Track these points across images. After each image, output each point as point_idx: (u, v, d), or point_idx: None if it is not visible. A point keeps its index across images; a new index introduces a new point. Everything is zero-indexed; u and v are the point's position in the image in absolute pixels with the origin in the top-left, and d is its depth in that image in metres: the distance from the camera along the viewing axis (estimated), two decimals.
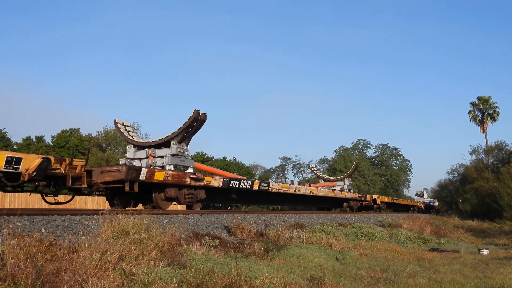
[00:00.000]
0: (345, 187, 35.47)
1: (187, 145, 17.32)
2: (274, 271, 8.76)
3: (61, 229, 9.42)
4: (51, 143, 41.45)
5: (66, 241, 8.11)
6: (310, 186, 30.00)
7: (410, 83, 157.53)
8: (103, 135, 44.28)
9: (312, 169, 41.46)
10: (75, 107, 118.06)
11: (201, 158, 51.94)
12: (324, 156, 79.03)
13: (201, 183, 16.64)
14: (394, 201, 44.48)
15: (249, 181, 19.99)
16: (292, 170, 79.94)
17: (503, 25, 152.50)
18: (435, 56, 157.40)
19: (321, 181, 37.21)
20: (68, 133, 43.37)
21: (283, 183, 35.11)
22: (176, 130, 16.94)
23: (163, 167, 16.43)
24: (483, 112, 59.59)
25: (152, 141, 17.30)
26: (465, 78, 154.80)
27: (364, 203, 35.24)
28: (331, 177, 40.02)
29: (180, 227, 11.06)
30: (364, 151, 78.72)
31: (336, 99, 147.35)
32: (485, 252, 16.41)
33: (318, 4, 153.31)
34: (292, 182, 30.43)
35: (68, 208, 14.00)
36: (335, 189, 33.57)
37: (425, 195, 67.98)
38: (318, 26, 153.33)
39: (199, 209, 18.91)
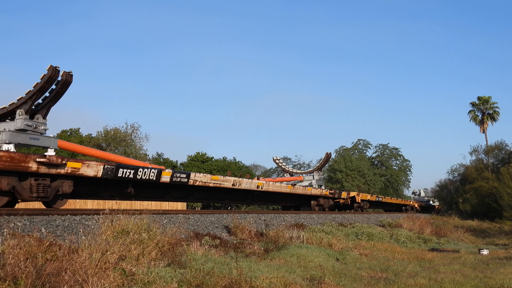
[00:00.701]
0: (314, 182, 30.58)
1: (44, 117, 12.96)
2: (274, 271, 8.77)
3: (61, 229, 9.43)
4: None
5: (66, 241, 8.12)
6: (258, 179, 24.26)
7: (410, 83, 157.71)
8: (103, 135, 44.29)
9: (276, 161, 34.73)
10: (75, 107, 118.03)
11: (201, 158, 51.99)
12: None
13: (62, 171, 11.91)
14: (380, 199, 39.43)
15: (154, 170, 14.95)
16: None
17: (503, 25, 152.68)
18: (435, 56, 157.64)
19: (287, 175, 32.66)
20: (68, 133, 43.37)
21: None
22: (24, 95, 12.46)
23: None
24: (483, 112, 59.54)
25: None
26: (465, 78, 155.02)
27: (341, 201, 30.55)
28: (298, 171, 34.83)
29: (180, 227, 11.08)
30: (364, 151, 78.72)
31: (336, 99, 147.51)
32: (485, 252, 16.41)
33: (318, 4, 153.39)
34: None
35: (68, 208, 13.73)
36: (296, 184, 28.14)
37: (422, 194, 66.57)
38: (318, 26, 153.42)
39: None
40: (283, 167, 34.40)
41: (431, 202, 63.88)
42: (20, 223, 8.89)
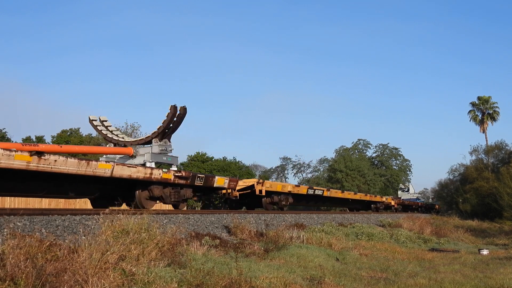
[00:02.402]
0: (148, 157, 16.97)
1: None
2: (274, 271, 8.77)
3: (61, 229, 9.43)
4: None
5: (66, 241, 8.11)
6: None
7: (410, 83, 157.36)
8: None
9: (93, 122, 19.28)
10: (75, 107, 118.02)
11: (201, 158, 52.00)
12: (324, 156, 79.02)
13: None
14: (318, 192, 26.01)
15: None
16: (292, 170, 80.00)
17: (503, 25, 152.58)
18: (435, 56, 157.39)
19: (110, 145, 18.64)
20: (68, 133, 43.40)
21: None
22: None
23: None
24: (483, 112, 59.59)
25: None
26: (465, 78, 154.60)
27: (232, 193, 19.22)
28: (128, 139, 18.93)
29: (180, 227, 11.06)
30: (364, 151, 78.73)
31: (336, 99, 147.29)
32: (485, 252, 16.41)
33: (318, 4, 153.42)
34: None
35: (68, 208, 13.73)
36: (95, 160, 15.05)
37: (412, 190, 62.77)
38: (318, 26, 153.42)
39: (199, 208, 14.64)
40: (103, 132, 19.17)
41: (419, 199, 60.66)
42: (20, 223, 8.89)
